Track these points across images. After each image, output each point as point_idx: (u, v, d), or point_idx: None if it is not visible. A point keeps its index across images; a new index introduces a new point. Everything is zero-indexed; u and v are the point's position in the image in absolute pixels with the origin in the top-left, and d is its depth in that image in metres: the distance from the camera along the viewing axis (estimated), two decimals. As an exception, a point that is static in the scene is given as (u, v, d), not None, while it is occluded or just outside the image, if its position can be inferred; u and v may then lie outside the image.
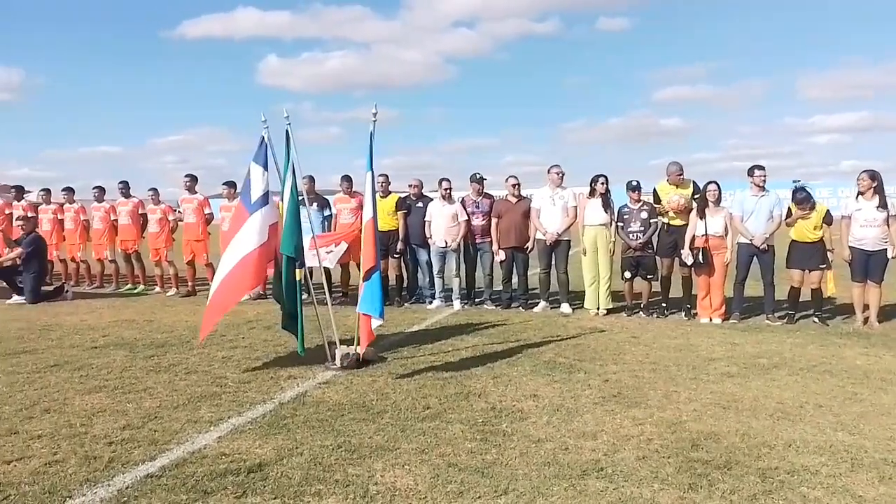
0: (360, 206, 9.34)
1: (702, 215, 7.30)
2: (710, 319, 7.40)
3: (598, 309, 7.89)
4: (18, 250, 9.47)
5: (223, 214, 9.80)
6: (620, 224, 7.74)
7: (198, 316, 8.04)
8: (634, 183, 7.69)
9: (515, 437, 3.78)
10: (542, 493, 3.08)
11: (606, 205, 7.82)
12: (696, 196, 7.66)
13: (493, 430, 3.91)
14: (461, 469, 3.34)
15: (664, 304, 7.89)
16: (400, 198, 8.98)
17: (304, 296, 5.52)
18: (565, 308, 8.10)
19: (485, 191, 8.68)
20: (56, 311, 8.61)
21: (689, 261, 7.36)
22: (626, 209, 7.70)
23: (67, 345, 6.43)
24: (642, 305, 7.87)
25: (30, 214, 10.54)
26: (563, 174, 8.19)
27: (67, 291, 9.96)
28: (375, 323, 5.36)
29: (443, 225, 8.44)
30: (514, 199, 8.34)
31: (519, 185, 8.39)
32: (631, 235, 7.63)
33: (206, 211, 9.99)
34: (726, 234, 7.30)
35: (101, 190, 11.02)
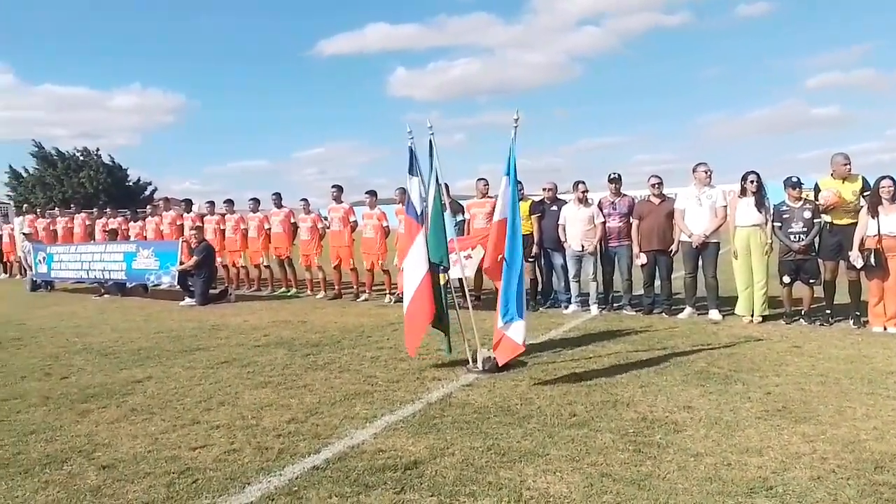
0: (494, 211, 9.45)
1: (874, 213, 6.59)
2: (885, 328, 6.66)
3: (752, 316, 7.37)
4: (194, 258, 10.53)
5: (365, 221, 10.32)
6: (778, 224, 7.17)
7: (345, 317, 8.57)
8: (794, 179, 7.10)
9: (671, 450, 3.63)
10: (706, 509, 2.93)
11: (760, 204, 7.28)
12: (865, 192, 6.94)
13: (646, 441, 3.78)
14: (615, 479, 3.26)
15: (829, 311, 7.21)
16: (533, 202, 8.95)
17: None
18: (714, 314, 7.64)
19: (621, 191, 8.42)
20: (222, 312, 9.49)
21: (859, 263, 6.67)
22: (785, 208, 7.13)
23: (234, 343, 7.06)
24: (803, 312, 7.24)
25: (199, 224, 11.70)
26: (711, 172, 7.75)
27: (231, 294, 10.95)
28: (515, 330, 5.21)
29: (579, 228, 8.30)
30: (656, 200, 8.02)
31: (661, 184, 8.05)
32: (792, 237, 7.04)
33: (352, 219, 10.55)
34: (905, 234, 6.53)
35: (256, 201, 11.99)
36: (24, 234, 14.72)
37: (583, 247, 8.28)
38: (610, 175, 8.37)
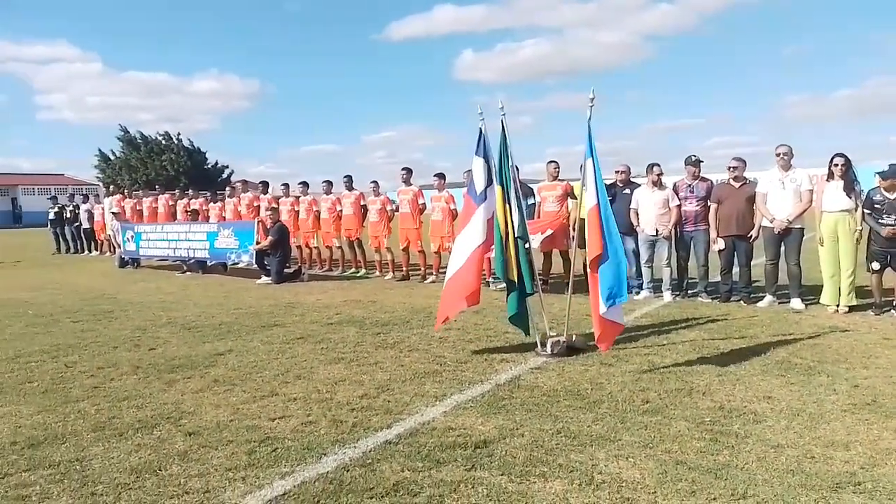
0: (566, 194, 9.33)
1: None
2: None
3: (837, 306, 6.99)
4: (270, 238, 10.92)
5: (433, 204, 10.39)
6: (868, 212, 6.74)
7: (413, 298, 8.69)
8: (890, 169, 6.61)
9: (750, 441, 3.52)
10: (787, 501, 2.83)
11: (849, 188, 6.86)
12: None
13: (723, 430, 3.67)
14: (691, 468, 3.19)
15: (924, 303, 6.76)
16: (606, 184, 8.74)
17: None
18: (797, 303, 7.29)
19: (700, 174, 8.11)
20: (296, 290, 9.80)
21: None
22: (878, 197, 6.67)
23: (308, 320, 7.29)
24: (895, 303, 6.82)
25: (274, 206, 12.09)
26: (791, 155, 7.35)
27: (304, 274, 11.30)
28: (616, 313, 5.12)
29: (653, 212, 8.07)
30: (736, 184, 7.69)
31: (741, 167, 7.70)
32: (886, 220, 6.59)
33: (420, 201, 10.64)
34: None
35: (329, 183, 12.26)
36: (112, 213, 15.63)
37: (657, 231, 8.06)
38: (690, 157, 8.07)
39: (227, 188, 15.77)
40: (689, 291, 8.27)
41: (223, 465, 3.37)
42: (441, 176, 10.50)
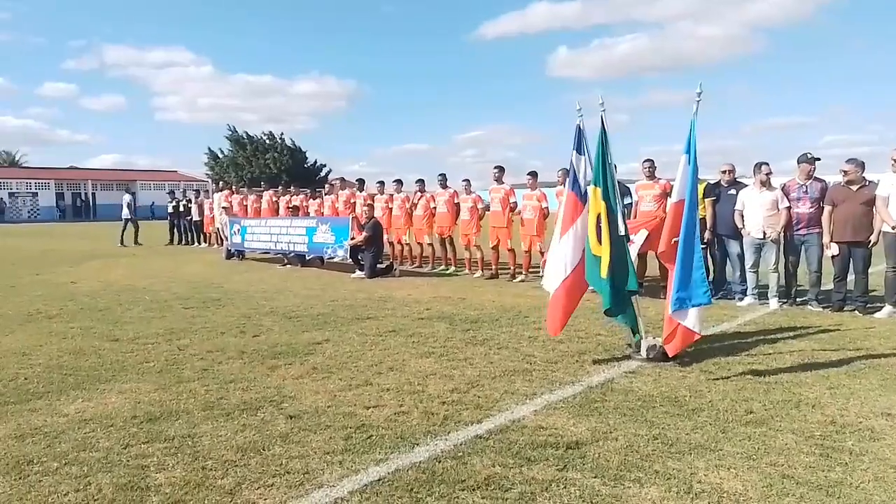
0: (664, 193, 9.00)
1: None
2: None
3: (970, 320, 6.37)
4: (364, 233, 11.25)
5: (525, 203, 10.34)
6: None
7: (502, 297, 8.69)
8: None
9: (866, 458, 3.28)
10: (911, 528, 2.62)
11: None
12: None
13: (834, 446, 3.44)
14: (798, 482, 3.02)
15: None
16: (709, 184, 8.40)
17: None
18: (921, 315, 6.70)
19: (814, 174, 7.60)
20: (388, 285, 10.04)
21: None
22: None
23: (400, 315, 7.45)
24: None
25: (369, 203, 12.43)
26: None
27: (396, 269, 11.56)
28: (691, 318, 4.96)
29: (760, 214, 7.65)
30: (854, 186, 7.15)
31: (855, 171, 7.14)
32: None
33: (511, 200, 10.61)
34: None
35: (422, 182, 12.47)
36: (223, 207, 16.60)
37: (764, 234, 7.63)
38: (805, 154, 7.57)
39: (326, 185, 16.40)
40: (798, 299, 7.79)
41: (321, 449, 3.51)
42: (534, 174, 10.44)
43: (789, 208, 7.58)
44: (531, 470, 3.21)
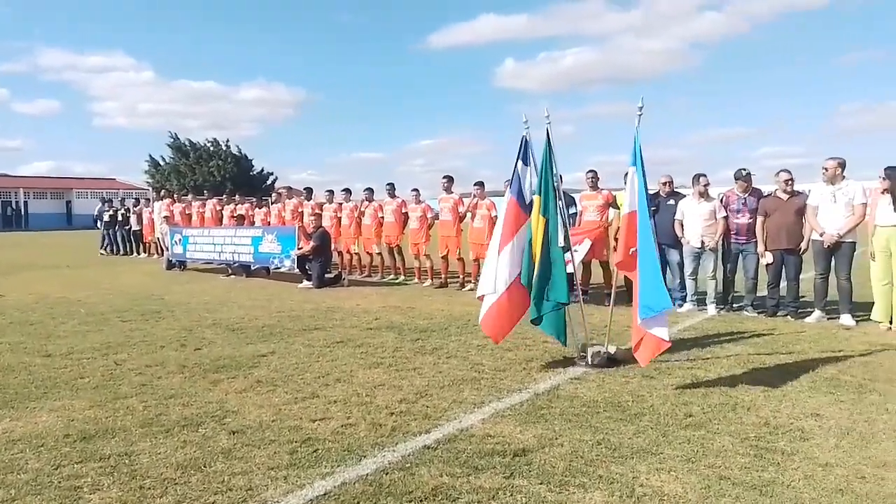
0: (607, 204, 9.23)
1: None
2: None
3: (890, 323, 6.75)
4: (311, 243, 11.11)
5: (474, 212, 10.42)
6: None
7: (452, 306, 8.71)
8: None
9: (797, 458, 3.42)
10: (837, 523, 2.75)
11: (899, 203, 6.62)
12: None
13: (768, 447, 3.59)
14: (735, 483, 3.13)
15: None
16: (649, 194, 8.63)
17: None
18: (847, 319, 7.06)
19: (752, 187, 7.93)
20: (336, 295, 9.94)
21: None
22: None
23: (348, 325, 7.38)
24: (953, 322, 6.54)
25: (317, 212, 12.30)
26: (829, 169, 7.09)
27: (344, 279, 11.45)
28: (659, 326, 4.86)
29: (699, 224, 7.94)
30: (785, 196, 7.50)
31: (792, 180, 7.51)
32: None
33: (460, 209, 10.68)
34: None
35: (371, 191, 12.43)
36: (163, 217, 16.12)
37: (702, 243, 7.91)
38: (741, 171, 7.89)
39: (273, 194, 16.12)
40: (735, 305, 8.09)
41: (265, 464, 3.44)
42: (481, 184, 10.53)
43: (726, 218, 7.89)
44: (479, 479, 3.23)
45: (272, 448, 3.66)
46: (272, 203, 15.13)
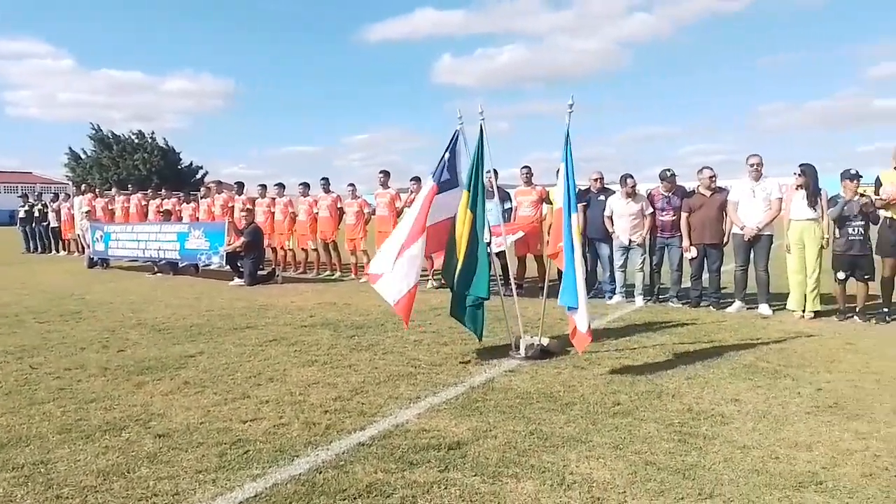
0: (541, 199, 9.40)
1: (939, 208, 6.32)
2: (948, 329, 6.40)
3: (803, 311, 7.18)
4: (242, 239, 10.81)
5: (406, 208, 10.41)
6: (834, 218, 6.93)
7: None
8: (853, 172, 6.84)
9: (717, 442, 3.59)
10: (753, 501, 2.90)
11: (811, 200, 7.04)
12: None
13: (691, 432, 3.74)
14: (660, 468, 3.25)
15: (886, 309, 6.95)
16: (580, 190, 8.85)
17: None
18: (764, 309, 7.46)
19: (676, 185, 8.24)
20: (269, 292, 9.72)
21: (921, 260, 6.40)
22: (841, 200, 6.88)
23: (282, 322, 7.23)
24: (857, 309, 7.00)
25: (248, 207, 11.98)
26: (760, 165, 7.51)
27: (278, 276, 11.21)
28: (581, 319, 5.06)
29: (626, 221, 8.19)
30: (707, 193, 7.84)
31: (715, 177, 7.85)
32: (851, 229, 6.80)
33: (397, 204, 10.63)
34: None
35: (306, 186, 12.21)
36: (83, 212, 15.33)
37: (630, 240, 8.17)
38: (665, 172, 8.17)
39: (202, 188, 15.58)
40: (661, 296, 8.40)
41: (193, 468, 3.33)
42: (418, 180, 10.50)
43: (653, 214, 8.17)
44: (413, 473, 3.23)
45: (200, 451, 3.54)
46: (201, 198, 14.62)
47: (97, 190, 17.99)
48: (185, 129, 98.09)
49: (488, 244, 5.64)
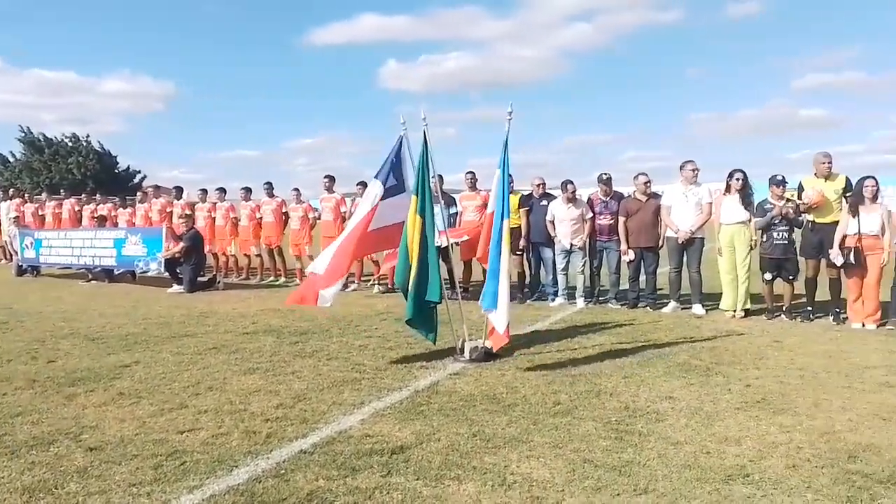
0: (485, 204, 9.50)
1: (854, 212, 6.71)
2: (864, 325, 6.79)
3: (734, 311, 7.50)
4: (181, 244, 10.52)
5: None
6: (760, 219, 7.28)
7: (333, 307, 8.52)
8: (779, 178, 7.21)
9: (652, 438, 3.71)
10: (684, 495, 3.02)
11: (746, 202, 7.39)
12: (847, 192, 7.05)
13: (627, 429, 3.86)
14: (597, 466, 3.34)
15: (810, 308, 7.34)
16: (523, 195, 9.02)
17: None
18: (698, 309, 7.76)
19: (613, 190, 8.49)
20: (210, 299, 9.49)
21: (839, 261, 6.79)
22: (768, 205, 7.23)
23: (223, 330, 7.08)
24: (784, 308, 7.37)
25: (188, 212, 11.66)
26: (698, 170, 7.85)
27: (219, 282, 10.96)
28: (498, 321, 5.27)
29: (567, 227, 8.37)
30: (643, 198, 8.10)
31: (650, 182, 8.13)
32: (776, 234, 7.15)
33: (343, 209, 10.57)
34: (883, 234, 6.67)
35: (248, 190, 11.99)
36: (11, 218, 14.59)
37: (571, 245, 8.36)
38: (601, 175, 8.42)
39: (138, 193, 15.07)
40: (601, 298, 8.62)
41: (126, 481, 3.23)
42: (364, 184, 10.46)
43: (593, 218, 8.39)
44: (355, 479, 3.22)
45: (134, 464, 3.44)
46: (138, 203, 14.14)
47: (26, 195, 17.15)
48: (123, 133, 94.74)
49: (439, 247, 5.68)
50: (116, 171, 48.53)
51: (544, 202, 8.78)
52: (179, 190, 13.22)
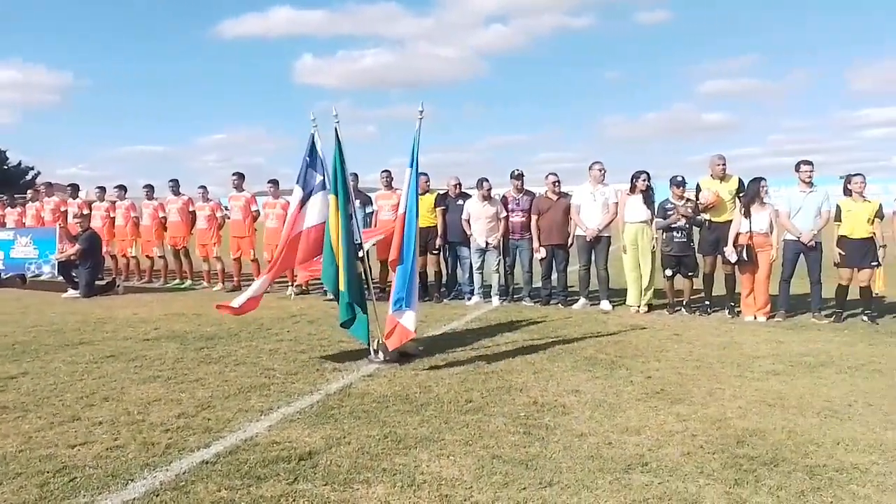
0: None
1: (746, 212, 7.18)
2: (755, 317, 7.28)
3: (639, 306, 7.84)
4: (76, 247, 9.86)
5: (267, 211, 10.04)
6: (661, 219, 7.66)
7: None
8: (679, 178, 7.61)
9: (558, 431, 3.82)
10: (587, 486, 3.11)
11: (648, 201, 7.75)
12: (740, 192, 7.54)
13: (535, 423, 3.95)
14: (505, 461, 3.40)
15: (707, 302, 7.78)
16: (439, 195, 9.06)
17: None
18: (605, 305, 8.07)
19: (524, 188, 8.68)
20: (109, 304, 8.96)
21: (733, 258, 7.25)
22: (669, 205, 7.62)
23: (122, 337, 6.70)
24: (684, 303, 7.79)
25: (84, 212, 10.97)
26: (605, 171, 8.17)
27: (119, 286, 10.36)
28: (407, 318, 5.32)
29: (483, 225, 8.48)
30: (554, 197, 8.33)
31: (559, 182, 8.38)
32: (675, 233, 7.53)
33: (253, 208, 10.25)
34: (772, 231, 7.17)
35: (151, 188, 11.38)
36: None
37: (487, 242, 8.48)
38: (513, 172, 8.61)
39: (29, 191, 14.01)
40: (515, 296, 8.80)
41: (8, 501, 2.99)
42: (275, 182, 10.19)
43: (507, 217, 8.54)
44: (260, 488, 3.12)
45: (17, 482, 3.19)
46: (30, 201, 13.15)
47: None
48: (13, 125, 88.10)
49: (359, 246, 5.63)
50: (6, 166, 45.00)
51: (461, 202, 8.86)
52: (75, 188, 12.42)
